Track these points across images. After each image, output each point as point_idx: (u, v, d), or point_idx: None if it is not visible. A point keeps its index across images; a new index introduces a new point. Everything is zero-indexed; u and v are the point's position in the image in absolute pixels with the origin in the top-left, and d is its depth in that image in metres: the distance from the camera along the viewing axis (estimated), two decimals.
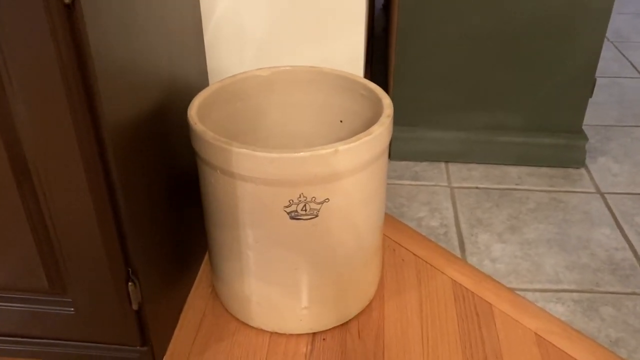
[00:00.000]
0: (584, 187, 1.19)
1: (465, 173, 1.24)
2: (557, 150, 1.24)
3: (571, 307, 0.91)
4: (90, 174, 0.62)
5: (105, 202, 0.64)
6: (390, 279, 0.95)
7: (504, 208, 1.13)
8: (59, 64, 0.55)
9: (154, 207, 0.75)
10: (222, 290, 0.88)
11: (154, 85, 0.74)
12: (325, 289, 0.82)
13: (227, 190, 0.75)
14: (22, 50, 0.54)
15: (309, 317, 0.84)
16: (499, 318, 0.88)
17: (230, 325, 0.87)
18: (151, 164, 0.74)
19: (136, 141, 0.69)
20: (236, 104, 0.89)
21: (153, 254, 0.76)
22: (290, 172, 0.70)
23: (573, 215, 1.11)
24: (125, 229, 0.67)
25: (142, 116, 0.70)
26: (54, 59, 0.54)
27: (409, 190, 1.18)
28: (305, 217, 0.74)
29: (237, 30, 0.99)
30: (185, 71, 0.87)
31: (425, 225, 1.08)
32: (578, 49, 1.14)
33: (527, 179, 1.21)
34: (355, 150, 0.72)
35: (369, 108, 0.86)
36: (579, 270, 0.98)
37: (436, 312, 0.89)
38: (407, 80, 1.20)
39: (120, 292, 0.70)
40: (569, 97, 1.20)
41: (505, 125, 1.24)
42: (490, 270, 0.98)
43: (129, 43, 0.65)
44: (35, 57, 0.54)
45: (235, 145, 0.70)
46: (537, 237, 1.05)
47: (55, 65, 0.55)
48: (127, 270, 0.70)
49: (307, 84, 0.91)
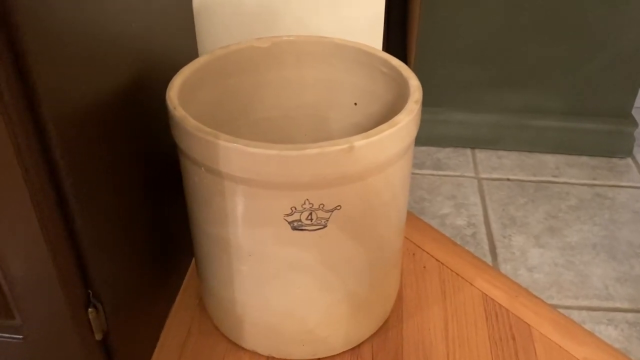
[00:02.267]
0: (632, 181, 1.04)
1: (495, 161, 1.08)
2: (601, 137, 1.09)
3: (626, 331, 0.76)
4: (30, 178, 0.47)
5: (53, 211, 0.50)
6: (410, 291, 0.81)
7: (540, 204, 0.98)
8: None
9: (123, 213, 0.61)
10: (211, 304, 0.74)
11: (121, 57, 0.58)
12: (334, 309, 0.68)
13: (213, 193, 0.60)
14: None
15: (314, 341, 0.70)
16: (539, 343, 0.74)
17: (219, 346, 0.73)
18: (120, 159, 0.59)
19: (96, 133, 0.54)
20: (228, 81, 0.74)
21: (122, 270, 0.62)
22: (294, 173, 0.56)
23: (622, 215, 0.96)
24: (83, 242, 0.53)
25: (105, 100, 0.55)
26: None
27: (431, 182, 1.03)
28: (311, 227, 0.59)
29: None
30: (166, 41, 0.72)
31: (449, 225, 0.93)
32: (631, 19, 0.98)
33: (566, 170, 1.06)
34: (376, 145, 0.57)
35: (390, 89, 0.71)
36: (632, 283, 0.83)
37: (465, 333, 0.75)
38: (431, 54, 1.04)
39: (78, 320, 0.56)
40: (618, 76, 1.04)
41: (541, 108, 1.08)
42: (528, 282, 0.83)
43: (79, 1, 0.50)
44: None
45: (223, 138, 0.55)
46: (581, 240, 0.90)
47: None
48: (86, 293, 0.56)
49: (316, 58, 0.75)
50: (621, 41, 1.00)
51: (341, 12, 0.83)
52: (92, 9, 0.52)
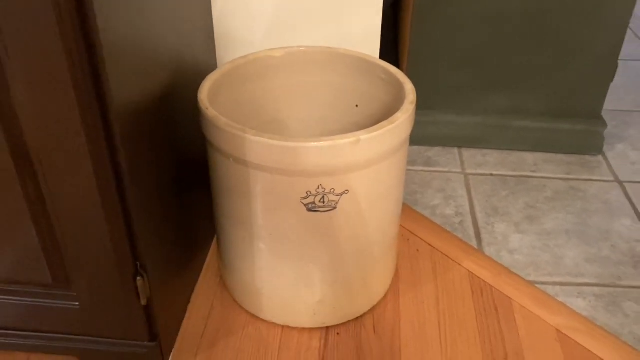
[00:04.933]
0: (602, 176, 1.15)
1: (479, 159, 1.20)
2: (575, 137, 1.20)
3: (593, 303, 0.87)
4: (97, 163, 0.58)
5: (113, 192, 0.60)
6: (405, 271, 0.92)
7: (520, 196, 1.09)
8: (62, 38, 0.50)
9: (162, 196, 0.71)
10: (232, 281, 0.84)
11: (161, 65, 0.69)
12: (340, 283, 0.78)
13: (240, 180, 0.70)
14: (24, 29, 0.49)
15: (323, 311, 0.80)
16: (519, 313, 0.85)
17: (239, 318, 0.83)
18: (159, 151, 0.70)
19: (144, 127, 0.64)
20: (246, 86, 0.84)
21: (162, 246, 0.72)
22: (309, 162, 0.66)
23: (592, 205, 1.07)
24: (134, 221, 0.63)
25: (150, 99, 0.65)
26: (57, 36, 0.50)
27: (423, 177, 1.14)
28: (323, 209, 0.70)
29: (247, 8, 0.93)
30: (193, 51, 0.83)
31: (440, 214, 1.04)
32: (602, 29, 1.09)
33: (544, 166, 1.18)
34: (378, 139, 0.68)
35: (388, 92, 0.82)
36: (600, 263, 0.94)
37: (454, 306, 0.86)
38: (422, 60, 1.15)
39: (128, 287, 0.66)
40: (590, 81, 1.15)
41: (521, 110, 1.20)
42: (509, 262, 0.94)
43: (136, 20, 0.60)
44: (37, 34, 0.50)
45: (250, 133, 0.66)
46: (556, 227, 1.02)
47: (58, 42, 0.50)
48: (135, 265, 0.66)
49: (322, 66, 0.86)
50: (592, 50, 1.12)
51: (344, 25, 0.94)
52: (146, 25, 0.63)
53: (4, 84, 0.53)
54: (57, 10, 0.48)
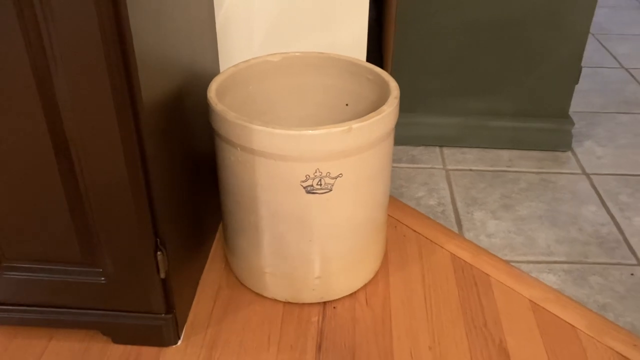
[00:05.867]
0: (571, 169, 1.26)
1: (459, 156, 1.30)
2: (546, 135, 1.31)
3: (562, 277, 0.97)
4: (127, 152, 0.67)
5: (139, 175, 0.69)
6: (393, 253, 1.01)
7: (497, 188, 1.19)
8: (103, 43, 0.59)
9: (177, 182, 0.80)
10: (237, 263, 0.93)
11: (176, 70, 0.78)
12: (336, 260, 0.87)
13: (246, 167, 0.80)
14: (69, 30, 0.59)
15: (321, 287, 0.89)
16: (496, 287, 0.95)
17: (245, 296, 0.92)
18: (174, 143, 0.79)
19: (164, 119, 0.73)
20: (248, 87, 0.94)
21: (177, 226, 0.81)
22: (308, 148, 0.76)
23: (562, 194, 1.18)
24: (155, 200, 0.72)
25: (168, 96, 0.75)
26: (98, 39, 0.59)
27: (408, 173, 1.24)
28: (321, 191, 0.79)
29: (246, 18, 1.04)
30: (201, 57, 0.92)
31: (424, 205, 1.14)
32: (565, 38, 1.21)
33: (518, 162, 1.28)
34: (368, 128, 0.77)
35: (374, 91, 0.92)
36: (568, 243, 1.05)
37: (438, 282, 0.96)
38: (405, 68, 1.26)
39: (149, 261, 0.75)
40: (557, 84, 1.27)
41: (496, 111, 1.31)
42: (487, 245, 1.04)
43: (160, 27, 0.70)
44: (81, 36, 0.59)
45: (256, 124, 0.75)
46: (529, 214, 1.12)
47: (99, 44, 0.59)
48: (156, 240, 0.75)
49: (316, 69, 0.96)
50: (557, 56, 1.23)
51: (334, 33, 1.04)
52: (167, 33, 0.72)
53: (48, 81, 0.62)
54: (100, 19, 0.58)
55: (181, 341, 0.84)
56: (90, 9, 0.57)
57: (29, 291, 0.79)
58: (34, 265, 0.77)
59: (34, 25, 0.59)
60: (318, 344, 0.84)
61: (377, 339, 0.85)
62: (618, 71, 1.73)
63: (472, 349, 0.84)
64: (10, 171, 0.68)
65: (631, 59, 1.81)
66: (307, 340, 0.85)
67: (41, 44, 0.60)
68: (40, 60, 0.61)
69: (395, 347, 0.84)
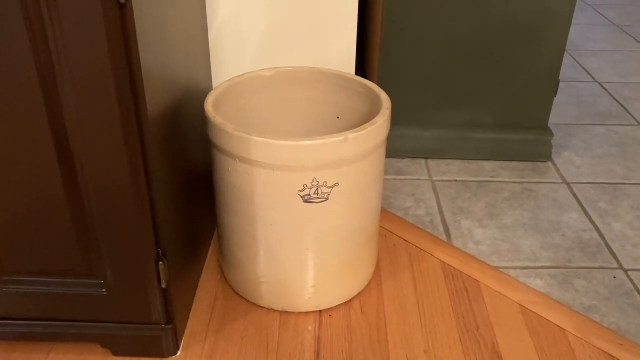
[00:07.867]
0: (551, 178, 1.30)
1: (444, 168, 1.34)
2: (526, 146, 1.36)
3: (549, 281, 1.01)
4: (131, 159, 0.68)
5: (143, 185, 0.70)
6: (385, 263, 1.04)
7: (482, 198, 1.23)
8: (110, 58, 0.61)
9: (177, 193, 0.82)
10: (233, 273, 0.94)
11: (175, 85, 0.80)
12: (332, 268, 0.89)
13: (245, 178, 0.82)
14: (77, 41, 0.60)
15: (316, 296, 0.91)
16: (486, 293, 0.98)
17: (241, 306, 0.93)
18: (174, 154, 0.80)
19: (165, 131, 0.75)
20: (241, 101, 0.96)
21: (177, 236, 0.82)
22: (305, 158, 0.78)
23: (544, 203, 1.22)
24: (157, 211, 0.73)
25: (170, 108, 0.77)
26: (106, 53, 0.61)
27: (395, 184, 1.27)
28: (317, 200, 0.82)
29: (238, 34, 1.06)
30: (196, 73, 0.94)
31: (412, 215, 1.17)
32: (543, 52, 1.26)
33: (501, 172, 1.32)
34: (363, 138, 0.80)
35: (365, 104, 0.95)
36: (553, 249, 1.08)
37: (429, 289, 0.98)
38: (389, 82, 1.30)
39: (151, 271, 0.76)
40: (536, 97, 1.32)
41: (478, 123, 1.35)
42: (475, 252, 1.07)
43: (162, 41, 0.72)
44: (88, 46, 0.61)
45: (254, 135, 0.78)
46: (514, 222, 1.16)
47: (107, 59, 0.61)
48: (157, 251, 0.76)
49: (307, 84, 0.99)
50: (535, 70, 1.28)
51: (324, 48, 1.07)
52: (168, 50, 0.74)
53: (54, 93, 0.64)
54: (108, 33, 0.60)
55: (180, 352, 0.85)
56: (98, 19, 0.59)
57: (28, 305, 0.79)
58: (34, 278, 0.78)
59: (41, 35, 0.60)
60: (316, 352, 0.86)
61: (374, 346, 0.87)
62: (591, 85, 1.80)
63: (466, 352, 0.86)
64: (13, 181, 0.69)
65: (603, 73, 1.88)
66: (305, 349, 0.86)
67: (50, 58, 0.61)
68: (47, 69, 0.62)
69: (392, 353, 0.86)
